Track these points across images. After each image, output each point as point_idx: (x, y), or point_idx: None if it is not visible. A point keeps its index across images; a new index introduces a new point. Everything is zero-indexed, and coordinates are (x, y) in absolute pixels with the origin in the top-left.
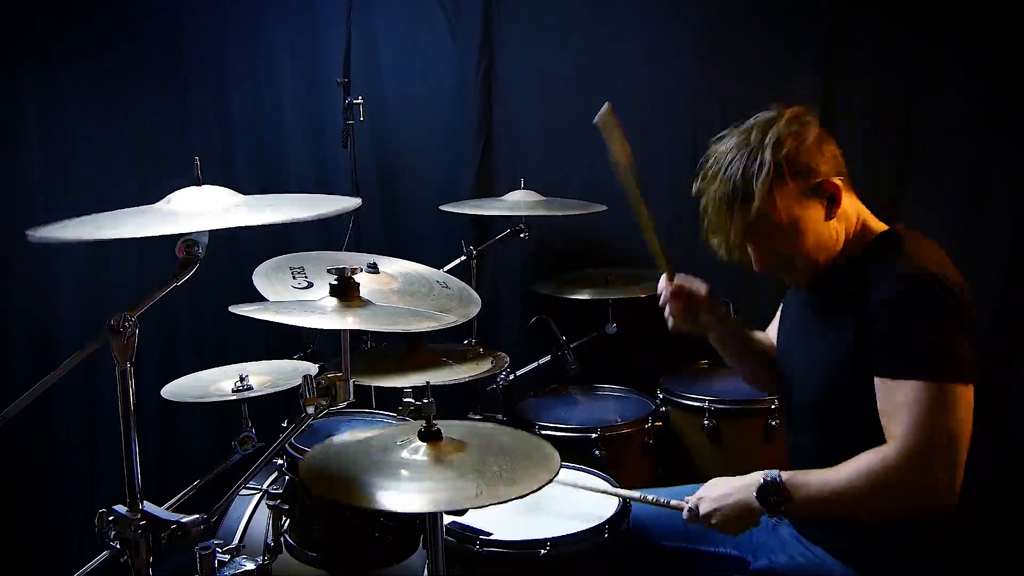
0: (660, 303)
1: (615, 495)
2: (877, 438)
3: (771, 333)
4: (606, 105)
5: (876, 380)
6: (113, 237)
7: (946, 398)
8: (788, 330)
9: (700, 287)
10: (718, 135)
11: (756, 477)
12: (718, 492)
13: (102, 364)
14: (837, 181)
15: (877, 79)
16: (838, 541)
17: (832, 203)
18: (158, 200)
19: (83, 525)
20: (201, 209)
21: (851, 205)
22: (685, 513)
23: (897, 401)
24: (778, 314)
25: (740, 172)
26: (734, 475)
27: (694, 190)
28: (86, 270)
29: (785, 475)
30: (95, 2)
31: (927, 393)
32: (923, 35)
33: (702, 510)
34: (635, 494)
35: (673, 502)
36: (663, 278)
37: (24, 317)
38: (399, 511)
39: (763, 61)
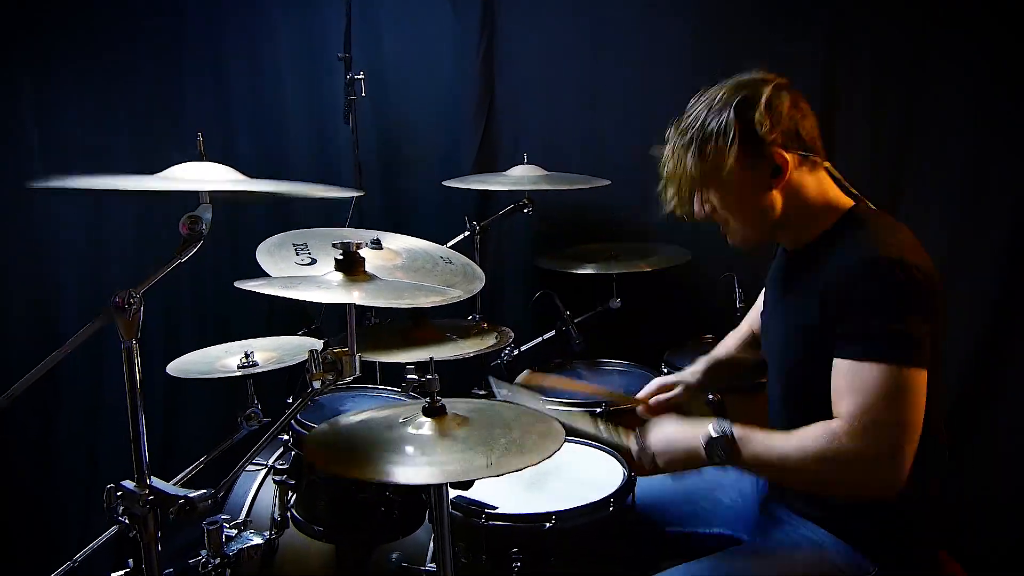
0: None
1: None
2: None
3: (752, 318)
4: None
5: (834, 361)
6: (113, 188)
7: (897, 382)
8: (766, 304)
9: (679, 390)
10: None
11: (707, 428)
12: (667, 434)
13: (107, 341)
14: (787, 154)
15: (877, 79)
16: (830, 516)
17: (776, 174)
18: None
19: (87, 502)
20: (202, 179)
21: (810, 180)
22: (632, 446)
23: (848, 381)
24: (762, 295)
25: (699, 125)
26: None
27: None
28: (84, 247)
29: (737, 432)
30: None
31: (878, 376)
32: (923, 35)
33: (651, 447)
34: (585, 425)
35: (619, 438)
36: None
37: (23, 294)
38: (410, 483)
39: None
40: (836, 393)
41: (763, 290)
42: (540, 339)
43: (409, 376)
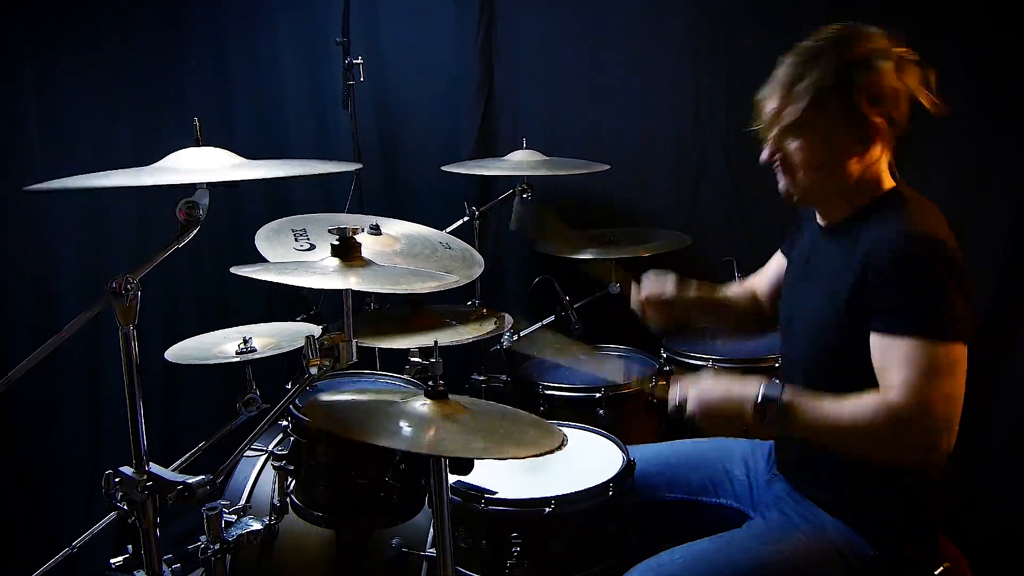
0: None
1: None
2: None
3: (755, 281)
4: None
5: (873, 336)
6: (111, 185)
7: (940, 357)
8: (792, 277)
9: (668, 287)
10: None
11: (755, 387)
12: (708, 395)
13: (106, 327)
14: (881, 124)
15: None
16: (832, 497)
17: (864, 141)
18: (156, 161)
19: (87, 487)
20: (201, 167)
21: (883, 156)
22: (671, 404)
23: (894, 357)
24: (772, 262)
25: (794, 66)
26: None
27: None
28: (86, 233)
29: (787, 394)
30: None
31: (923, 350)
32: (923, 29)
33: (690, 404)
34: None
35: (659, 390)
36: (632, 291)
37: (24, 279)
38: (407, 450)
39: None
40: (884, 367)
41: (775, 256)
42: (539, 324)
43: (413, 360)
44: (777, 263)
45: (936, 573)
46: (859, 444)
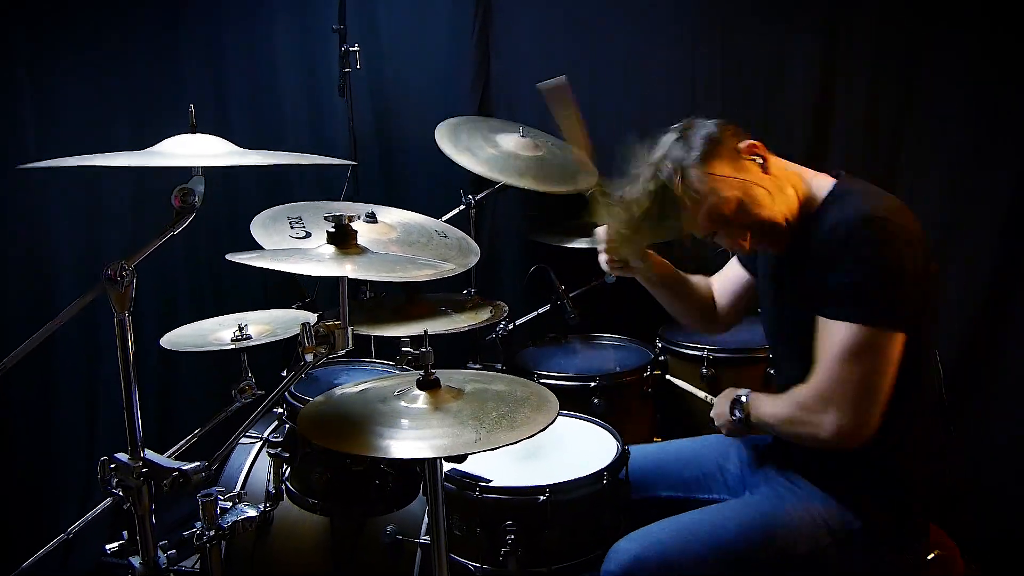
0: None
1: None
2: None
3: (713, 281)
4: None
5: (817, 319)
6: (105, 164)
7: (867, 342)
8: (765, 295)
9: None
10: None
11: (735, 392)
12: (722, 398)
13: (102, 314)
14: (754, 142)
15: (875, 69)
16: (813, 467)
17: (762, 158)
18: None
19: (83, 474)
20: (195, 153)
21: (783, 164)
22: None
23: (821, 339)
24: (728, 270)
25: (670, 167)
26: None
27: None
28: (81, 221)
29: (750, 396)
30: None
31: (845, 335)
32: (921, 26)
33: (715, 419)
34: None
35: (710, 399)
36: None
37: (19, 266)
38: (399, 458)
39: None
40: (817, 351)
41: (731, 263)
42: (535, 313)
43: (404, 349)
44: (734, 271)
45: (929, 559)
46: (788, 430)
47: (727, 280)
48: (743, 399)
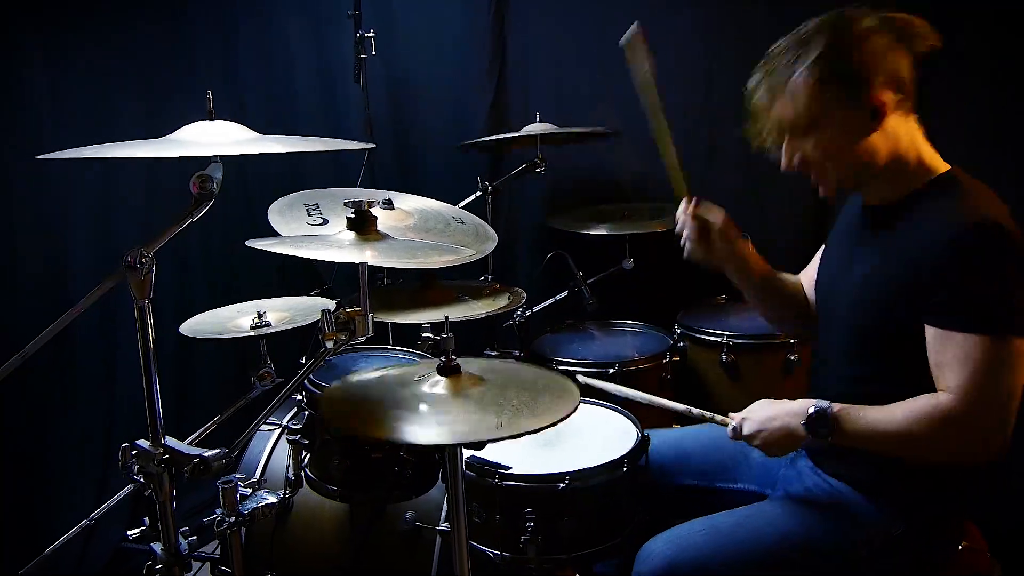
0: (677, 229)
1: (657, 404)
2: (911, 377)
3: (802, 278)
4: (635, 26)
5: (928, 328)
6: (124, 155)
7: (1002, 353)
8: (832, 259)
9: (718, 215)
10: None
11: (805, 405)
12: (764, 414)
13: (120, 301)
14: (886, 97)
15: None
16: (855, 472)
17: (875, 117)
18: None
19: (102, 461)
20: (214, 140)
21: (904, 130)
22: (729, 431)
23: (952, 353)
24: (815, 259)
25: (784, 64)
26: None
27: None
28: (97, 209)
29: (836, 407)
30: None
31: (984, 348)
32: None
33: (745, 430)
34: (679, 407)
35: (718, 418)
36: (682, 203)
37: (36, 254)
38: (419, 443)
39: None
40: (940, 364)
41: (808, 270)
42: (553, 300)
43: (424, 335)
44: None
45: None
46: (915, 449)
47: (815, 271)
48: (827, 413)
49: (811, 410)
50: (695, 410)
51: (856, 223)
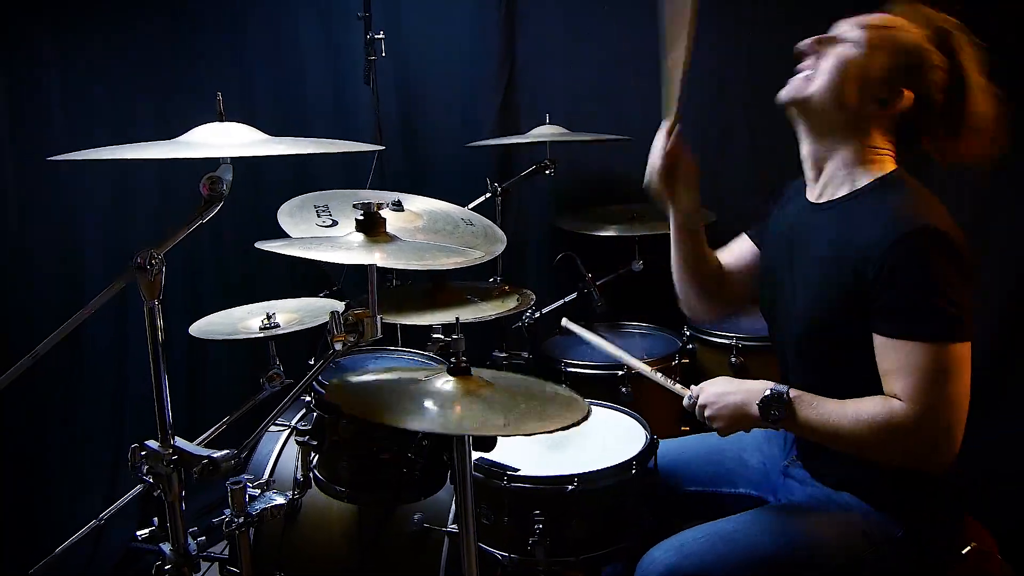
0: (652, 152)
1: (620, 359)
2: (861, 380)
3: (721, 257)
4: None
5: (875, 336)
6: (135, 157)
7: (947, 360)
8: (775, 258)
9: (693, 161)
10: None
11: (764, 386)
12: (721, 388)
13: (131, 302)
14: (907, 99)
15: None
16: (855, 480)
17: (884, 106)
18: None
19: (111, 462)
20: (224, 142)
21: (882, 141)
22: (685, 400)
23: (899, 361)
24: (736, 244)
25: (893, 34)
26: None
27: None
28: (109, 210)
29: (793, 393)
30: None
31: (929, 356)
32: None
33: (700, 399)
34: (642, 367)
35: (678, 387)
36: (664, 123)
37: (48, 255)
38: (427, 434)
39: None
40: (887, 371)
41: (739, 237)
42: (562, 301)
43: (435, 336)
44: (741, 246)
45: (964, 552)
46: (862, 448)
47: (736, 254)
48: (783, 396)
49: (767, 391)
50: (659, 375)
51: (796, 221)
